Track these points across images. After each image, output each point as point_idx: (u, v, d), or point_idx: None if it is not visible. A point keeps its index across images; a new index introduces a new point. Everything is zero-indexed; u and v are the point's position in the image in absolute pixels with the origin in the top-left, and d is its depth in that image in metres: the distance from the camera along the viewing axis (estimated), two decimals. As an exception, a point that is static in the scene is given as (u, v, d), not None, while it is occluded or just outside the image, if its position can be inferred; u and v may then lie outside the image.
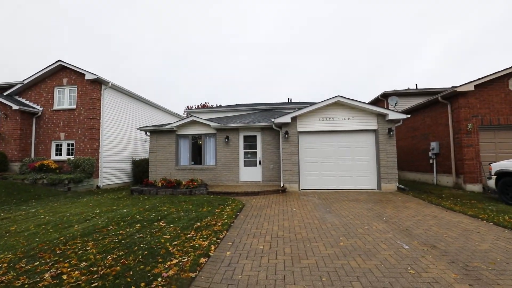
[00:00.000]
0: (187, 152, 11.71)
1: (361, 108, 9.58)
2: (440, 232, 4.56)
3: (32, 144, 12.44)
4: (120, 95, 13.63)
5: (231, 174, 11.06)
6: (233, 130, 11.25)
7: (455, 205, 6.71)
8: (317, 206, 6.98)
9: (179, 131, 11.68)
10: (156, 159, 11.66)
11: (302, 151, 9.94)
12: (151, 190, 9.39)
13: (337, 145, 9.87)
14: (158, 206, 7.01)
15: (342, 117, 9.77)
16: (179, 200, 7.98)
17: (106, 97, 12.66)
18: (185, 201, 7.67)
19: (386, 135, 9.47)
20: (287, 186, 9.64)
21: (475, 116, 9.27)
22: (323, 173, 9.84)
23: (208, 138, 11.69)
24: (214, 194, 8.96)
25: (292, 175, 9.68)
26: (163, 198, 8.48)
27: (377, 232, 4.63)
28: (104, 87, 12.49)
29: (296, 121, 9.90)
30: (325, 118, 9.83)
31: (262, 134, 11.08)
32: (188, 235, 4.54)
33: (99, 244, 4.15)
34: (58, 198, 9.08)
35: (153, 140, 11.79)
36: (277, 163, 10.78)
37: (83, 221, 5.69)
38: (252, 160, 11.21)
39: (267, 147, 10.98)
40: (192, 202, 7.54)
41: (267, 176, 10.87)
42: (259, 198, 8.25)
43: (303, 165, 9.90)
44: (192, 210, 6.49)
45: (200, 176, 11.19)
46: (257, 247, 4.01)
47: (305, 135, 10.00)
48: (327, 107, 9.84)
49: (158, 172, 11.56)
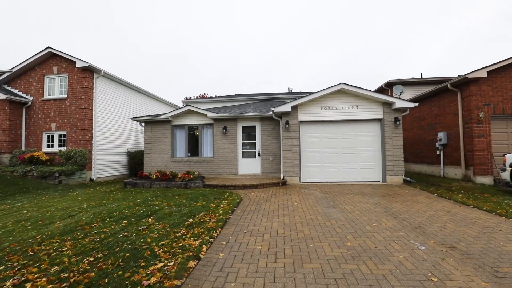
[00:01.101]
0: (183, 144, 11.24)
1: (366, 96, 9.03)
2: (458, 230, 4.12)
3: (23, 135, 11.96)
4: (114, 84, 13.05)
5: (229, 166, 10.61)
6: (231, 120, 10.74)
7: (468, 199, 6.26)
8: (319, 200, 6.54)
9: (174, 122, 11.17)
10: (151, 150, 11.19)
11: (303, 142, 9.46)
12: (145, 183, 8.96)
13: (341, 136, 9.37)
14: (150, 200, 6.57)
15: (345, 106, 9.24)
16: (173, 193, 7.54)
17: (99, 86, 12.09)
18: (179, 195, 7.24)
19: (392, 125, 8.95)
20: (288, 178, 9.20)
21: (487, 105, 8.73)
22: (325, 165, 9.38)
23: (205, 128, 11.19)
24: (211, 187, 8.53)
25: (293, 167, 9.22)
26: (157, 191, 8.05)
27: (387, 230, 4.19)
28: (96, 75, 11.91)
29: (297, 110, 9.37)
30: (328, 107, 9.30)
31: (261, 124, 10.58)
32: (178, 233, 4.11)
33: (78, 244, 3.71)
34: (47, 192, 8.65)
35: (148, 131, 11.30)
36: (277, 155, 10.31)
37: (67, 217, 5.26)
38: (251, 151, 10.75)
39: (266, 138, 10.49)
40: (186, 195, 7.10)
41: (266, 168, 10.42)
42: (258, 191, 7.82)
43: (305, 157, 9.43)
44: (185, 204, 6.05)
45: (197, 168, 10.75)
46: (254, 248, 3.57)
47: (307, 125, 9.49)
48: (330, 96, 9.30)
49: (153, 164, 11.11)
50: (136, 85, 14.33)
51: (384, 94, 8.98)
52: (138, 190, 8.43)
